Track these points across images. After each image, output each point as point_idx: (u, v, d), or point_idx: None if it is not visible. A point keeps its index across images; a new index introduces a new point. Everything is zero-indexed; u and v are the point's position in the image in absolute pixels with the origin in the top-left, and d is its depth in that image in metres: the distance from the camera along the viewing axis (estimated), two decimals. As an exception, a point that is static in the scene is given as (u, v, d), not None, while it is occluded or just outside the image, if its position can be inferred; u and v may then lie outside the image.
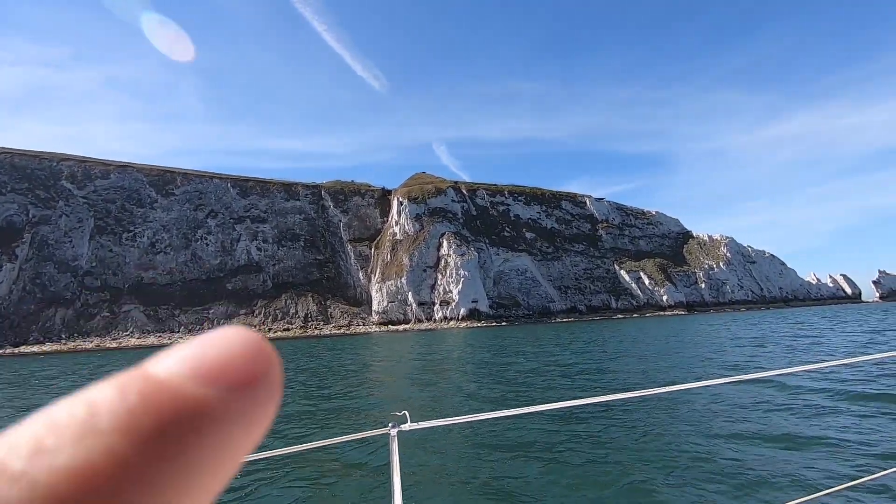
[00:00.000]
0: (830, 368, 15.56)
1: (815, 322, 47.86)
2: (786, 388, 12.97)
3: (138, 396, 0.15)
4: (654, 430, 9.50)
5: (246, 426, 0.17)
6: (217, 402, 0.16)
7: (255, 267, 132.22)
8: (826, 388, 12.49)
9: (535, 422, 10.28)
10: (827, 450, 7.56)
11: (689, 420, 10.28)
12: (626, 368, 19.59)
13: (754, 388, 13.18)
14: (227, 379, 0.17)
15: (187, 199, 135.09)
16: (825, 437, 8.24)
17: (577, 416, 10.73)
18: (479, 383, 17.95)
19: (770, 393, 12.36)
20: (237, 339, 0.18)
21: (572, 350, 30.64)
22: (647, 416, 10.69)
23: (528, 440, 9.10)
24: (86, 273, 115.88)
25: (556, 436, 9.33)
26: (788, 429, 8.84)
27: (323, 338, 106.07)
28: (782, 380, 13.78)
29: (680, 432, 9.15)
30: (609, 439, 9.11)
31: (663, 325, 65.23)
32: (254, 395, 0.17)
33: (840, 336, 29.08)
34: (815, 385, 13.09)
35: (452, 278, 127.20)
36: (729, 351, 24.39)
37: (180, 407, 0.15)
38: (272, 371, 0.18)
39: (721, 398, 12.03)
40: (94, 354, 75.76)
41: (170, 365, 0.16)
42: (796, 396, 11.75)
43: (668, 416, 10.51)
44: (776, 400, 11.50)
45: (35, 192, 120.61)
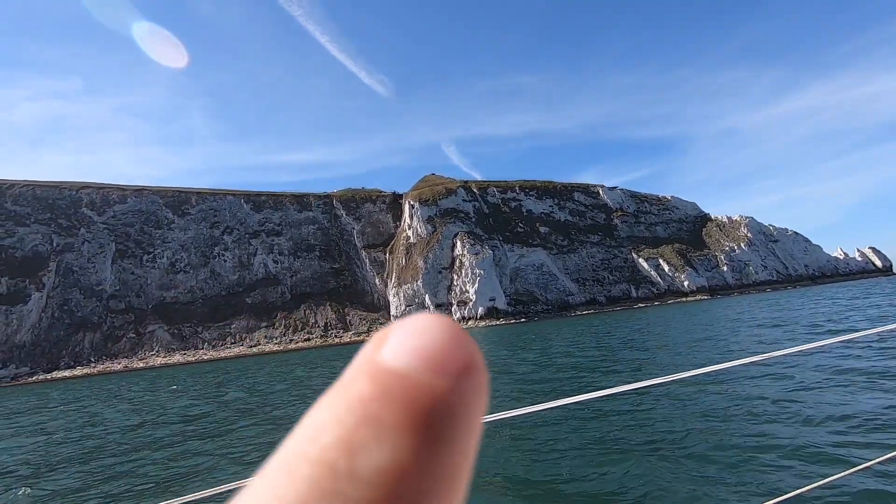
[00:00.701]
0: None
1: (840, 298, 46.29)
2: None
3: (401, 393, 0.15)
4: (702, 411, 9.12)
5: (476, 412, 0.17)
6: (454, 392, 0.16)
7: (272, 280, 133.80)
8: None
9: (569, 416, 10.24)
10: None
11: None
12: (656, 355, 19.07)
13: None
14: (456, 367, 0.17)
15: (203, 218, 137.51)
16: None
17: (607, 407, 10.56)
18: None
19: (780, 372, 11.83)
20: (443, 326, 0.18)
21: (612, 341, 30.14)
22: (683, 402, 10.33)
23: (565, 435, 8.96)
24: (110, 297, 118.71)
25: (594, 426, 9.28)
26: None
27: (344, 345, 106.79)
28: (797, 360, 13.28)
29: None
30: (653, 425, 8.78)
31: (682, 311, 63.96)
32: (477, 381, 0.18)
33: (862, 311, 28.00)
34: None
35: (468, 278, 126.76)
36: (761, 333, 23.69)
37: (436, 400, 0.15)
38: (480, 355, 0.18)
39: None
40: (123, 375, 77.51)
41: (403, 358, 0.17)
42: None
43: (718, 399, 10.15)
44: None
45: (57, 220, 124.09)
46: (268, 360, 66.00)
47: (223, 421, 15.07)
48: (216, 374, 45.80)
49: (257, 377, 33.50)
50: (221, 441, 11.82)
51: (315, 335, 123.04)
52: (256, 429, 13.03)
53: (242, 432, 12.70)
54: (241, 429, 13.22)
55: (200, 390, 28.36)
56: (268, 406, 17.61)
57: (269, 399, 19.78)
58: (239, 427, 13.53)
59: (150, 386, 38.28)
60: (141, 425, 16.39)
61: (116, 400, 28.38)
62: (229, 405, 19.12)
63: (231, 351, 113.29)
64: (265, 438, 11.52)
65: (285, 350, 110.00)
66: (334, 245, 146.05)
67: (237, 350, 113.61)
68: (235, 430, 13.20)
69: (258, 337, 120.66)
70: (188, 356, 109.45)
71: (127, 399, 28.26)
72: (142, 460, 10.83)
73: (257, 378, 32.52)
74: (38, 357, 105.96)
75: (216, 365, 73.84)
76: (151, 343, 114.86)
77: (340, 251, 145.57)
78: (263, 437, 11.70)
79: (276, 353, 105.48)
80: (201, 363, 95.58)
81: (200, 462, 9.95)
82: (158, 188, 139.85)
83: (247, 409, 17.00)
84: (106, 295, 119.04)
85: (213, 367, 66.71)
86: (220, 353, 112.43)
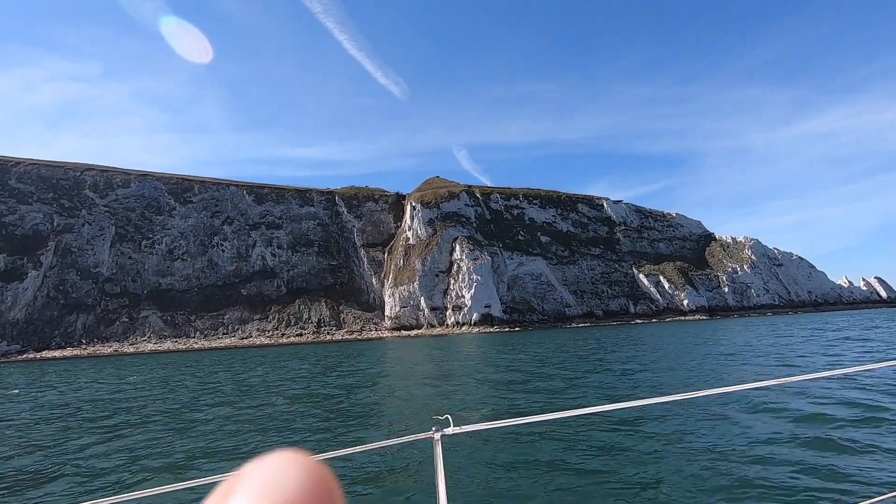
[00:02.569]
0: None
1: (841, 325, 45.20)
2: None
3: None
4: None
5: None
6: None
7: (269, 273, 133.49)
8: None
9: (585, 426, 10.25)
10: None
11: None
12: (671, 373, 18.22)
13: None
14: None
15: (204, 207, 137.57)
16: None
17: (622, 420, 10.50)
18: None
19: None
20: (298, 482, 0.17)
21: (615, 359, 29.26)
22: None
23: (575, 445, 8.87)
24: (106, 280, 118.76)
25: (610, 439, 9.13)
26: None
27: (336, 343, 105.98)
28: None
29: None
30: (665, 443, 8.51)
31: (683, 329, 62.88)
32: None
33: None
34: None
35: (465, 283, 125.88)
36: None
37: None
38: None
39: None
40: (111, 359, 77.13)
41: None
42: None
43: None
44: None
45: (60, 201, 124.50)
46: (256, 354, 65.41)
47: (112, 427, 14.03)
48: (200, 364, 45.20)
49: (238, 370, 32.79)
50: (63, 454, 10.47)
51: (308, 331, 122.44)
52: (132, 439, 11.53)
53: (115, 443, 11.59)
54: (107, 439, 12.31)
55: (158, 384, 27.64)
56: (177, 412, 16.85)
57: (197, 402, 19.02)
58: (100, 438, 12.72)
59: (111, 374, 37.63)
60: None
61: (65, 387, 27.75)
62: (142, 409, 18.38)
63: (222, 342, 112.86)
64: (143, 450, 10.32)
65: (276, 344, 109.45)
66: (333, 242, 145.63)
67: (228, 341, 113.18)
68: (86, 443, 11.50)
69: (251, 329, 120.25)
70: (179, 344, 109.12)
71: (74, 386, 27.64)
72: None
73: (240, 370, 31.81)
74: (29, 335, 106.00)
75: (203, 355, 73.32)
76: (144, 329, 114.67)
77: (339, 248, 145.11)
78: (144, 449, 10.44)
79: (267, 346, 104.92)
80: (192, 352, 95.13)
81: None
82: (162, 174, 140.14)
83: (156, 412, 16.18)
84: (102, 278, 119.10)
85: (198, 357, 66.19)
86: (212, 342, 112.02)
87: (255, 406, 15.58)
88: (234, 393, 19.93)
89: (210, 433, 11.60)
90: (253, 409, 15.06)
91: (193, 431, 11.94)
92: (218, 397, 18.84)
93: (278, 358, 48.64)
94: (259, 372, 30.94)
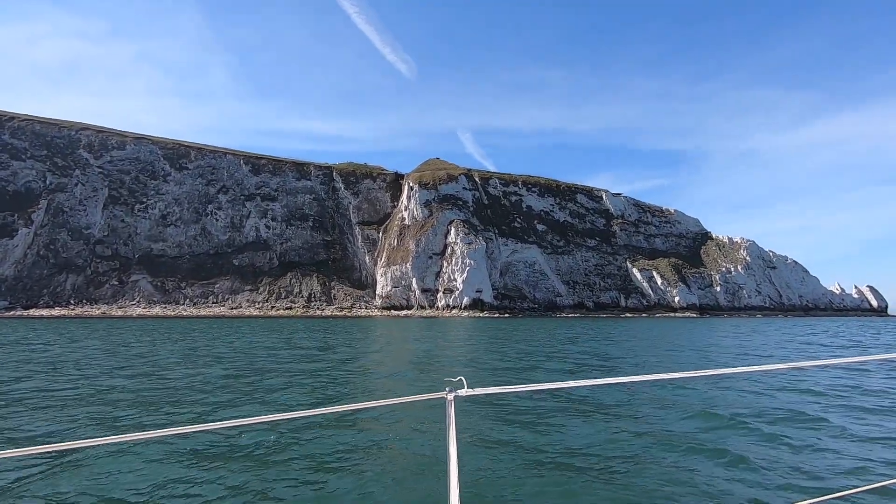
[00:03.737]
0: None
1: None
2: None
3: None
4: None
5: None
6: None
7: (262, 244, 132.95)
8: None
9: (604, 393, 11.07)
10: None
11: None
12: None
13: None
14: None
15: (200, 174, 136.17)
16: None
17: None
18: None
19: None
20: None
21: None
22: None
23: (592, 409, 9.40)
24: (97, 241, 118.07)
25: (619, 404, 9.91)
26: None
27: (325, 318, 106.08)
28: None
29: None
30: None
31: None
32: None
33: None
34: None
35: (458, 266, 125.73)
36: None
37: None
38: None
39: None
40: (99, 321, 76.99)
41: None
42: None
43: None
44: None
45: (53, 159, 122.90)
46: (242, 324, 65.35)
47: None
48: (177, 331, 45.03)
49: (199, 341, 32.58)
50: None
51: (298, 305, 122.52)
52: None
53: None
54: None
55: (114, 351, 27.38)
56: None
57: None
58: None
59: (70, 336, 37.37)
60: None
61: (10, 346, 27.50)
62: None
63: (211, 310, 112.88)
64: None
65: (265, 316, 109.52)
66: (329, 217, 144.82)
67: (217, 310, 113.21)
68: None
69: (240, 300, 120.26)
70: (168, 310, 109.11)
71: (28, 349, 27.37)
72: None
73: (199, 341, 31.62)
74: (18, 293, 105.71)
75: (190, 322, 73.23)
76: (133, 293, 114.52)
77: (334, 224, 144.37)
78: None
79: (255, 317, 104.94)
80: (180, 318, 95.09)
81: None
82: (158, 138, 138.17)
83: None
84: (93, 239, 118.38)
85: (184, 324, 66.10)
86: (201, 311, 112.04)
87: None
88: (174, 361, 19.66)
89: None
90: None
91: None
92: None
93: (272, 329, 48.53)
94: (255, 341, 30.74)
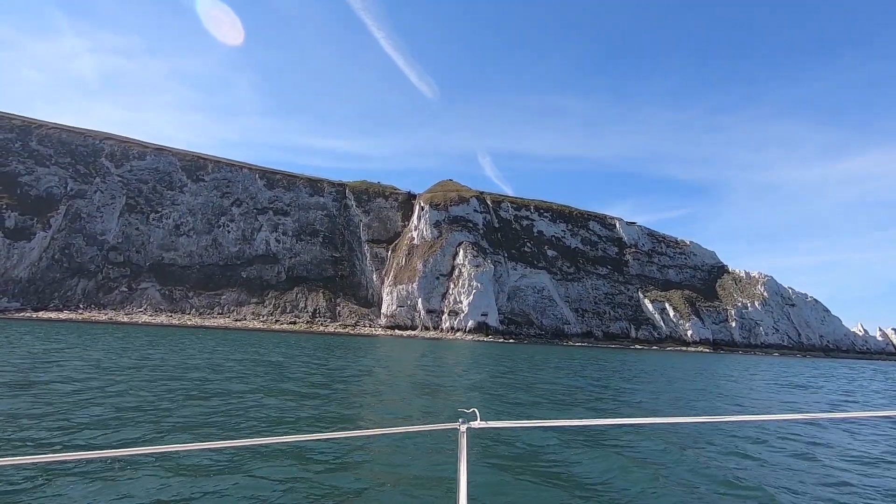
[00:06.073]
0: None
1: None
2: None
3: None
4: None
5: None
6: None
7: (271, 258, 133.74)
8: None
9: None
10: None
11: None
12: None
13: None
14: None
15: (215, 186, 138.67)
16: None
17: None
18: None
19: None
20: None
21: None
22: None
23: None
24: (111, 248, 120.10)
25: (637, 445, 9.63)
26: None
27: (329, 335, 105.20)
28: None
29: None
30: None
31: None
32: None
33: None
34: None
35: (464, 289, 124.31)
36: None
37: None
38: None
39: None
40: (103, 326, 77.38)
41: None
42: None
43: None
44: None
45: (76, 166, 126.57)
46: (242, 337, 64.83)
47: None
48: (171, 341, 44.55)
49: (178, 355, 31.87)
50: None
51: (302, 320, 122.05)
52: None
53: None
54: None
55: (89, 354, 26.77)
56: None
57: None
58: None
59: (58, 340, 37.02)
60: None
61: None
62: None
63: (216, 321, 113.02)
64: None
65: (268, 329, 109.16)
66: (339, 234, 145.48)
67: (222, 321, 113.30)
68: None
69: (246, 312, 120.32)
70: (173, 319, 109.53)
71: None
72: None
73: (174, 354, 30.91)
74: (30, 295, 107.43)
75: (195, 332, 73.04)
76: (141, 300, 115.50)
77: (344, 241, 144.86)
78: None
79: (259, 330, 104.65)
80: (183, 327, 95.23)
81: None
82: (178, 150, 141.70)
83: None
84: (107, 246, 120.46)
85: (184, 333, 65.86)
86: (206, 321, 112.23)
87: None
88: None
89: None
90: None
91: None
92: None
93: (280, 343, 47.81)
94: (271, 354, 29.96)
